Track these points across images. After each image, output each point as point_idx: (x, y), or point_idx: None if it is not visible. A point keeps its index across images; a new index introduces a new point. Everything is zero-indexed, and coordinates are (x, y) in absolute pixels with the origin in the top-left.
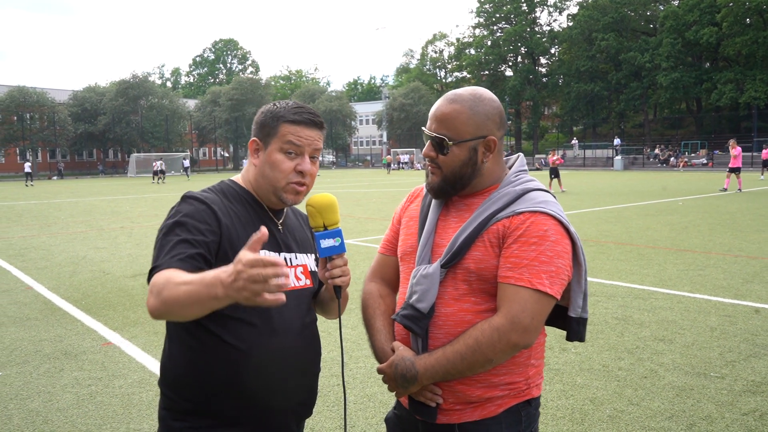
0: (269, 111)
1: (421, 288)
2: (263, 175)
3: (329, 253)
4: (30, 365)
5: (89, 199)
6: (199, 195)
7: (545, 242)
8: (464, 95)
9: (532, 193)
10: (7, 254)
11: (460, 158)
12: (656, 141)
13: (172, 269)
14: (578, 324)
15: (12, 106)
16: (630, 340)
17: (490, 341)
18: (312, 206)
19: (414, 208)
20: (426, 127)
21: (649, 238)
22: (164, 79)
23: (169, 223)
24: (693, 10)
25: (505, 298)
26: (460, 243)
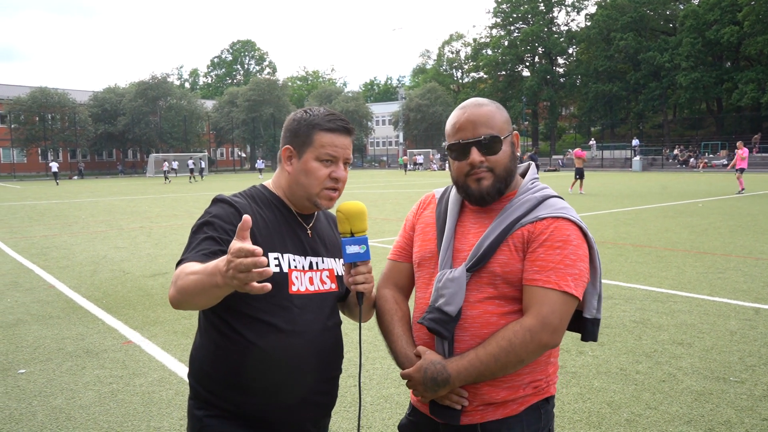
0: (303, 119)
1: (448, 291)
2: (298, 182)
3: (354, 260)
4: (53, 363)
5: (109, 199)
6: (229, 198)
7: (569, 246)
8: (483, 100)
9: (551, 200)
10: (30, 253)
11: (508, 153)
12: (675, 142)
13: (194, 263)
14: (593, 325)
15: (34, 107)
16: (648, 344)
17: (523, 342)
18: (341, 212)
19: (428, 214)
20: (459, 138)
21: (667, 240)
22: (183, 80)
23: (198, 222)
24: (713, 9)
25: (534, 299)
26: (486, 247)
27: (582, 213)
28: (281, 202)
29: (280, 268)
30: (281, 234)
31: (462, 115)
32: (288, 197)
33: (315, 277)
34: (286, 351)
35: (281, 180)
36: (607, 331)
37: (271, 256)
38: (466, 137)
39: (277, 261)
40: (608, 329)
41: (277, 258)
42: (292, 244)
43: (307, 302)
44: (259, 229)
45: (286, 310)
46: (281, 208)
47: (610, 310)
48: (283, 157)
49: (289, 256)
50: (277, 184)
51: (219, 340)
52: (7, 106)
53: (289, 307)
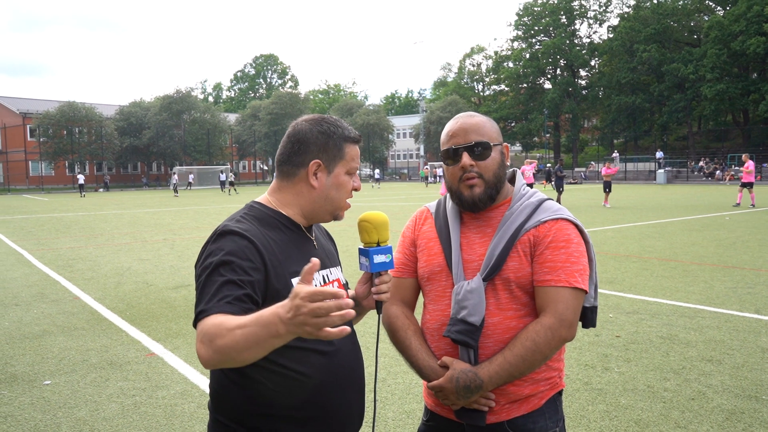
0: (332, 132)
1: (470, 303)
2: (327, 197)
3: (380, 269)
4: (77, 374)
5: (133, 211)
6: (238, 229)
7: (571, 245)
8: (475, 113)
9: (546, 203)
10: (57, 264)
11: (497, 160)
12: (701, 154)
13: (221, 314)
14: (592, 312)
15: (62, 121)
16: (676, 360)
17: (546, 340)
18: (369, 222)
19: (427, 229)
20: (451, 144)
21: (694, 254)
22: (206, 94)
23: (211, 262)
24: (739, 20)
25: (549, 299)
26: (498, 255)
27: (606, 226)
28: (287, 219)
29: None
30: (296, 254)
31: (455, 124)
32: (303, 214)
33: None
34: (330, 372)
35: (290, 197)
36: (634, 347)
37: (294, 281)
38: (458, 143)
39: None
40: (635, 345)
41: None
42: (306, 262)
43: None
44: (275, 254)
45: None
46: (289, 225)
47: (636, 325)
48: (308, 172)
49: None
50: (283, 201)
51: (253, 373)
52: (36, 120)
53: None
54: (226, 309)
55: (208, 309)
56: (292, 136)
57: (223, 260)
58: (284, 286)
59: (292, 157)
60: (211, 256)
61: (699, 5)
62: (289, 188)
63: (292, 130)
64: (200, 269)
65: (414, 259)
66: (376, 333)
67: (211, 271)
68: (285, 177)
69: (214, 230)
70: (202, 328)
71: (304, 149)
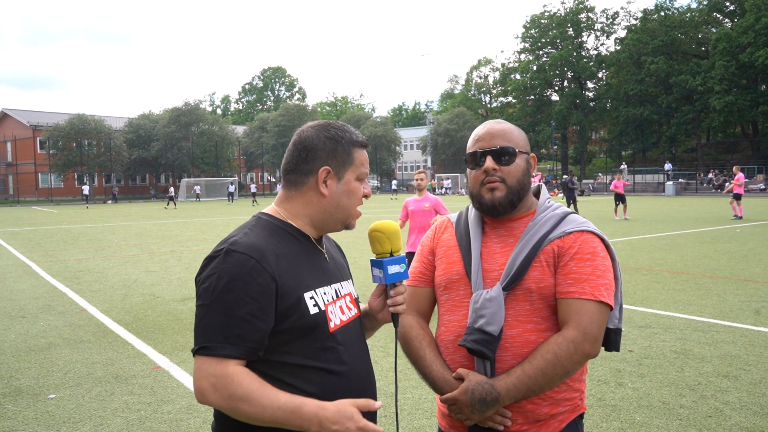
0: (340, 137)
1: (488, 311)
2: (339, 205)
3: (395, 280)
4: (82, 388)
5: (141, 223)
6: (246, 247)
7: (597, 258)
8: (503, 121)
9: (571, 216)
10: (64, 276)
11: (522, 167)
12: (710, 166)
13: (237, 363)
14: (616, 335)
15: (72, 133)
16: (691, 376)
17: (568, 353)
18: (381, 232)
19: (447, 238)
20: (476, 148)
21: (706, 267)
22: (215, 106)
23: (215, 287)
24: (747, 32)
25: (572, 311)
26: (519, 264)
27: (616, 238)
28: (297, 231)
29: (318, 308)
30: (308, 268)
31: (482, 129)
32: (314, 224)
33: (342, 305)
34: (342, 393)
35: (300, 206)
36: (648, 362)
37: (306, 297)
38: (482, 146)
39: (313, 300)
40: (648, 360)
41: (312, 297)
42: (318, 276)
43: (346, 335)
44: (286, 270)
45: (331, 351)
46: (299, 237)
47: (649, 339)
48: (318, 179)
49: (321, 291)
50: (292, 212)
51: None
52: (46, 133)
53: (334, 347)
54: (231, 352)
55: (212, 348)
56: (298, 143)
57: (228, 287)
58: (295, 301)
59: (300, 165)
60: (214, 278)
61: (707, 17)
62: (298, 197)
63: (297, 138)
64: (202, 290)
65: (432, 268)
66: (394, 348)
67: (215, 298)
68: (293, 186)
69: (219, 244)
70: (216, 371)
71: (312, 156)
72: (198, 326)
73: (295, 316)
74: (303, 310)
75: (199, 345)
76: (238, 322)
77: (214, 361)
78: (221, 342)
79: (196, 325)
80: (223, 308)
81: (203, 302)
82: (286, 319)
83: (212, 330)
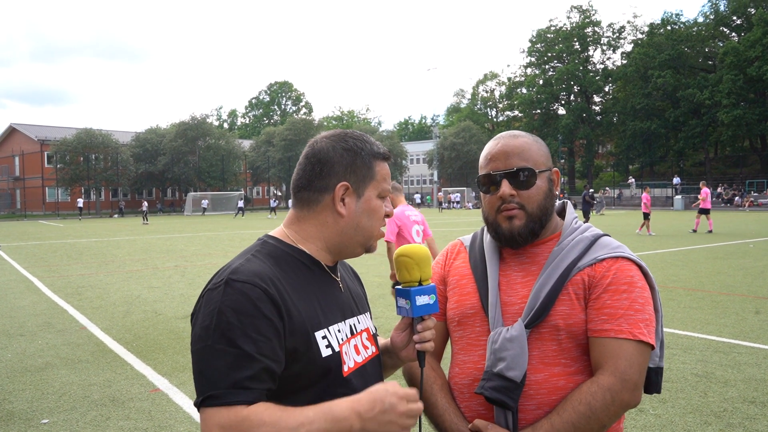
0: (359, 148)
1: (509, 354)
2: (358, 226)
3: (423, 312)
4: (77, 412)
5: (146, 237)
6: (249, 276)
7: (635, 289)
8: (521, 132)
9: (604, 239)
10: (65, 293)
11: (543, 190)
12: (718, 180)
13: (252, 407)
14: (656, 374)
15: (79, 148)
16: (715, 402)
17: (604, 404)
18: (410, 257)
19: (460, 265)
20: (490, 170)
21: (722, 284)
22: (221, 120)
23: (217, 325)
24: (755, 46)
25: (607, 353)
26: (544, 298)
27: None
28: (308, 257)
29: (332, 349)
30: (320, 301)
31: (495, 146)
32: (329, 248)
33: (358, 344)
34: None
35: (313, 228)
36: (668, 386)
37: (318, 336)
38: (497, 168)
39: (326, 340)
40: (669, 383)
41: (325, 336)
42: (331, 311)
43: (361, 379)
44: (295, 303)
45: (355, 387)
46: (310, 265)
47: (669, 361)
48: (335, 197)
49: (335, 328)
50: (304, 235)
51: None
52: (53, 147)
53: (346, 394)
54: (244, 398)
55: (220, 396)
56: (312, 156)
57: (232, 322)
58: (304, 342)
59: (314, 181)
60: (215, 314)
61: (713, 31)
62: (311, 218)
63: (311, 150)
64: (201, 329)
65: (443, 300)
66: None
67: (218, 336)
68: (305, 205)
69: (218, 275)
70: (229, 421)
71: (328, 171)
72: (200, 373)
73: (305, 359)
74: (314, 353)
75: (205, 395)
76: (248, 363)
77: (224, 410)
78: (230, 388)
79: (198, 371)
80: (228, 348)
81: (204, 343)
82: (294, 363)
83: (218, 375)
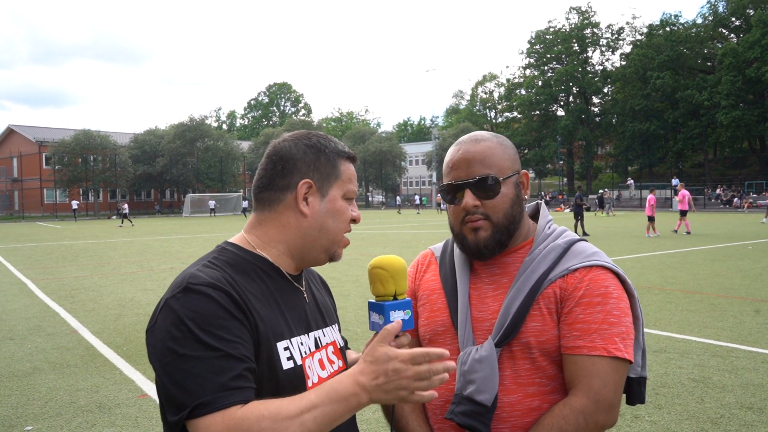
0: (323, 146)
1: (478, 375)
2: (322, 228)
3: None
4: (62, 419)
5: (143, 239)
6: (210, 281)
7: (609, 300)
8: (484, 134)
9: (578, 245)
10: (58, 295)
11: (510, 196)
12: (717, 181)
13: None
14: (639, 385)
15: (77, 149)
16: (712, 408)
17: (577, 428)
18: (385, 269)
19: (431, 278)
20: (452, 179)
21: (720, 286)
22: (220, 122)
23: (186, 332)
24: (754, 47)
25: (581, 372)
26: (515, 313)
27: (625, 255)
28: (269, 264)
29: (294, 362)
30: (282, 312)
31: (456, 153)
32: (291, 252)
33: (323, 358)
34: None
35: (274, 231)
36: (665, 392)
37: (280, 347)
38: (459, 177)
39: (288, 352)
40: (665, 389)
41: (287, 348)
42: (294, 322)
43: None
44: (257, 310)
45: None
46: (271, 273)
47: (665, 366)
48: (299, 195)
49: (297, 341)
50: (264, 239)
51: None
52: (51, 149)
53: None
54: (235, 398)
55: (211, 403)
56: (273, 154)
57: (201, 325)
58: (265, 351)
59: (276, 180)
60: (178, 323)
61: (712, 32)
62: (272, 220)
63: (272, 149)
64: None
65: (416, 315)
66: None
67: (190, 342)
68: (267, 206)
69: (173, 285)
70: (225, 425)
71: (291, 168)
72: (178, 386)
73: (265, 370)
74: (275, 364)
75: (192, 405)
76: (231, 363)
77: (219, 415)
78: (220, 392)
79: (174, 385)
80: (206, 352)
81: (177, 355)
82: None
83: (202, 382)
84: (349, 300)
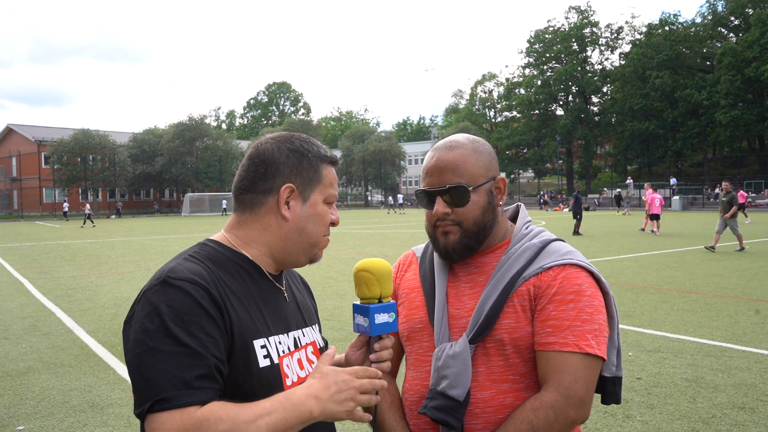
0: (306, 150)
1: (451, 371)
2: (303, 231)
3: (382, 331)
4: (54, 418)
5: (142, 239)
6: (188, 275)
7: (582, 298)
8: (460, 140)
9: (553, 245)
10: (55, 295)
11: (481, 204)
12: (716, 180)
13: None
14: (614, 384)
15: (76, 148)
16: (704, 408)
17: (547, 422)
18: (370, 272)
19: (411, 277)
20: (424, 185)
21: (716, 286)
22: (220, 121)
23: (159, 326)
24: (753, 47)
25: (552, 368)
26: (488, 311)
27: (622, 255)
28: (250, 263)
29: (270, 360)
30: (261, 310)
31: (431, 160)
32: (273, 254)
33: (302, 358)
34: None
35: (255, 233)
36: (657, 391)
37: (256, 345)
38: (432, 184)
39: (265, 350)
40: (657, 389)
41: (264, 346)
42: (273, 321)
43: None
44: (235, 306)
45: None
46: (251, 271)
47: (658, 365)
48: (281, 199)
49: (275, 339)
50: (245, 239)
51: None
52: (50, 148)
53: None
54: (198, 398)
55: (171, 399)
56: (255, 157)
57: (174, 320)
58: (241, 348)
59: (258, 183)
60: (153, 315)
61: (711, 32)
62: (253, 222)
63: (255, 151)
64: (140, 332)
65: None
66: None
67: (161, 336)
68: (248, 208)
69: (153, 278)
70: (184, 424)
71: (273, 172)
72: (143, 378)
73: (240, 367)
74: (250, 362)
75: (153, 399)
76: (197, 361)
77: (177, 413)
78: (182, 388)
79: (140, 376)
80: (174, 347)
81: (146, 346)
82: (229, 369)
83: (166, 377)
84: (345, 299)
